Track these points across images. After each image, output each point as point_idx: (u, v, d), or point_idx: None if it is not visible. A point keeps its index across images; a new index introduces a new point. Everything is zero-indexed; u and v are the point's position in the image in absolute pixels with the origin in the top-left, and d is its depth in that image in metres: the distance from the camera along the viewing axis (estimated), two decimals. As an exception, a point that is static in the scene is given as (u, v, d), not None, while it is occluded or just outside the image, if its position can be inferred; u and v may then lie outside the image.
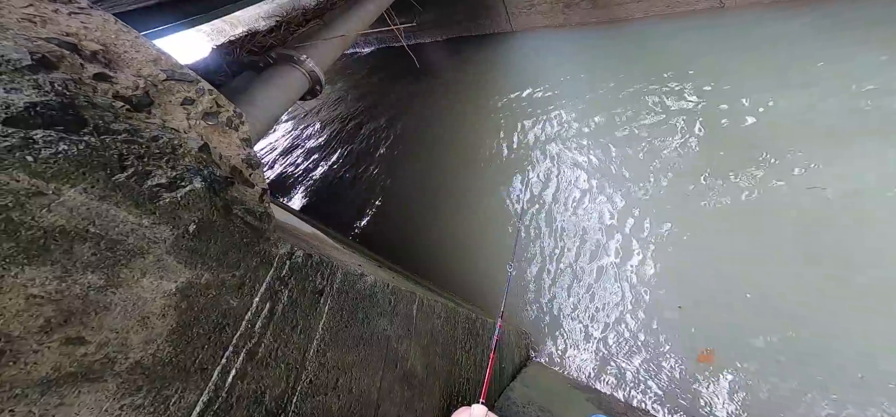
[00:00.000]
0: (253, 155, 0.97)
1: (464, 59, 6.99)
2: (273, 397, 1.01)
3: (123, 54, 0.59)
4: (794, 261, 2.52)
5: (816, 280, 2.38)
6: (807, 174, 2.88)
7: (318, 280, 1.18)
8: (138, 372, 0.67)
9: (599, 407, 2.20)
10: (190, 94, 0.73)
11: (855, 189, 2.65)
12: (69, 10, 0.53)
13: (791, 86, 3.59)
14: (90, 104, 0.53)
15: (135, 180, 0.59)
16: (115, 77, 0.57)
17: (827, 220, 2.59)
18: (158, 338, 0.69)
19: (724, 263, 2.69)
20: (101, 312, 0.58)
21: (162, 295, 0.68)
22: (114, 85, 0.57)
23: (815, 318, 2.25)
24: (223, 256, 0.81)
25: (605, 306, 2.89)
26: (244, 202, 0.92)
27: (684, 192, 3.23)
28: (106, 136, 0.54)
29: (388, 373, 1.54)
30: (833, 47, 3.68)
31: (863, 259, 2.35)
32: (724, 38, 4.49)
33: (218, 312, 0.81)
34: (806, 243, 2.55)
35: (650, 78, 4.38)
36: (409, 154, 5.31)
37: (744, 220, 2.81)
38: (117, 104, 0.58)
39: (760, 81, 3.75)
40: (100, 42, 0.54)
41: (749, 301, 2.47)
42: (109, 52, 0.56)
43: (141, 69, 0.62)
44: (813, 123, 3.17)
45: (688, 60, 4.43)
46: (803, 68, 3.64)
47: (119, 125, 0.56)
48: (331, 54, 3.23)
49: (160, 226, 0.64)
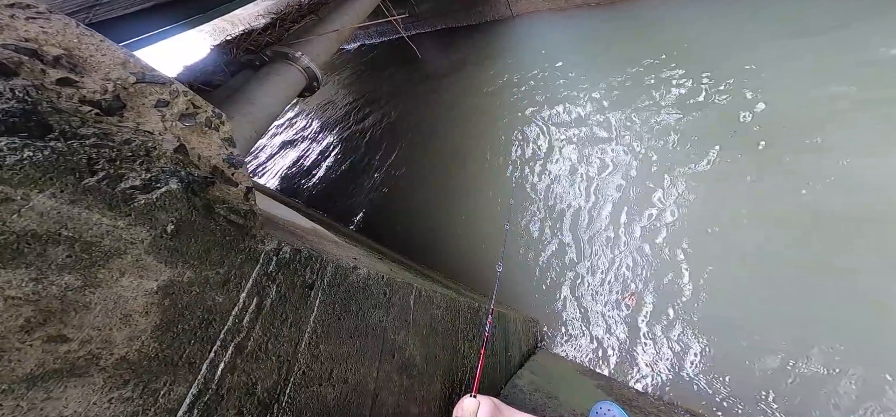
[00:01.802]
0: (235, 154, 0.98)
1: (464, 47, 6.90)
2: (265, 388, 1.04)
3: (89, 58, 0.60)
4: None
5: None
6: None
7: (307, 275, 1.20)
8: (124, 367, 0.70)
9: (609, 394, 2.20)
10: (163, 96, 0.74)
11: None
12: (26, 15, 0.54)
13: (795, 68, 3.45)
14: (55, 110, 0.54)
15: (106, 183, 0.60)
16: (81, 82, 0.59)
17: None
18: (143, 335, 0.72)
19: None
20: (80, 311, 0.60)
21: (143, 294, 0.70)
22: (79, 90, 0.58)
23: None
24: (205, 254, 0.83)
25: (605, 287, 2.88)
26: (227, 201, 0.93)
27: (695, 180, 3.16)
28: (73, 141, 0.56)
29: (386, 363, 1.56)
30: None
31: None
32: (728, 14, 4.32)
33: (203, 308, 0.84)
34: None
35: (654, 59, 4.26)
36: (415, 145, 5.31)
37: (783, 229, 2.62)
38: (84, 109, 0.59)
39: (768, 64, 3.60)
40: (61, 46, 0.55)
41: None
42: (73, 56, 0.58)
43: (109, 73, 0.63)
44: (813, 111, 3.06)
45: (690, 40, 4.29)
46: (813, 45, 3.49)
47: (87, 130, 0.58)
48: (326, 50, 3.23)
49: (136, 227, 0.66)
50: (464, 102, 5.48)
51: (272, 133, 7.78)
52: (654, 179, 3.22)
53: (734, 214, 2.75)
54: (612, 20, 5.40)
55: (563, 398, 2.17)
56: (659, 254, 2.82)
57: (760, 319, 2.31)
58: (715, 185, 2.95)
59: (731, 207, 2.80)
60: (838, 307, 2.19)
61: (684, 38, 4.25)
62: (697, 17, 4.47)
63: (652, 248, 2.87)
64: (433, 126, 5.40)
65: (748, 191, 2.82)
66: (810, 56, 3.33)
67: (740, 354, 2.25)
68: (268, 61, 2.77)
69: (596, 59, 4.82)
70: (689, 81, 3.71)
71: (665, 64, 4.02)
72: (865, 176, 2.50)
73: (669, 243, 2.83)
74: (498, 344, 2.35)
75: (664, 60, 4.07)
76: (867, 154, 2.57)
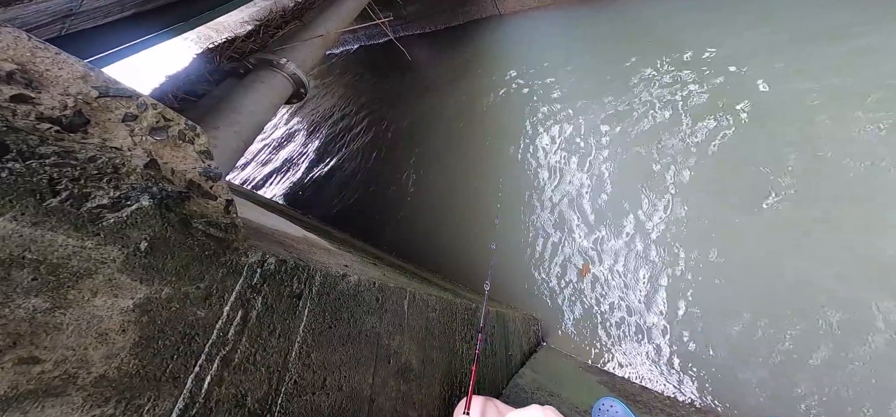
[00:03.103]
0: (213, 167, 0.97)
1: (453, 48, 6.90)
2: (256, 399, 1.02)
3: (45, 72, 0.58)
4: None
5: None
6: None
7: (295, 285, 1.18)
8: (104, 385, 0.68)
9: (612, 390, 2.21)
10: (130, 109, 0.73)
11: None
12: (-28, 32, 0.53)
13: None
14: (10, 129, 0.53)
15: (70, 203, 0.59)
16: (38, 98, 0.57)
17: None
18: (121, 352, 0.70)
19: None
20: (51, 332, 0.59)
21: (118, 312, 0.68)
22: (36, 106, 0.57)
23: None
24: (183, 270, 0.81)
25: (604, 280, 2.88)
26: (205, 215, 0.92)
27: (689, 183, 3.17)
28: (32, 160, 0.54)
29: (381, 369, 1.55)
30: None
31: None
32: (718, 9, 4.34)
33: (185, 323, 0.82)
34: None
35: (644, 55, 4.27)
36: (406, 148, 5.29)
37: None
38: (43, 126, 0.57)
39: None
40: (14, 61, 0.54)
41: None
42: (28, 71, 0.56)
43: (68, 88, 0.62)
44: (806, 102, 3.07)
45: (683, 35, 4.31)
46: (802, 40, 3.51)
47: (47, 149, 0.56)
48: (312, 55, 3.21)
49: (107, 247, 0.65)
50: (455, 103, 5.47)
51: (270, 144, 7.74)
52: (649, 174, 3.23)
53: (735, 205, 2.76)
54: (599, 15, 5.41)
55: (565, 395, 2.17)
56: (658, 240, 2.83)
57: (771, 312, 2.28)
58: (712, 176, 2.96)
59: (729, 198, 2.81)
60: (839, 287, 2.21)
61: (672, 31, 4.26)
62: (688, 7, 4.49)
63: (657, 246, 2.88)
64: (423, 128, 5.39)
65: (742, 172, 2.83)
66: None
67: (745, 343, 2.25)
68: (252, 69, 2.75)
69: (584, 55, 4.83)
70: (676, 74, 3.73)
71: (654, 59, 4.04)
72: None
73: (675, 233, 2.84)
74: (498, 344, 2.35)
75: (654, 55, 4.08)
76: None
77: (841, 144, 2.63)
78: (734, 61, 3.52)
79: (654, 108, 3.61)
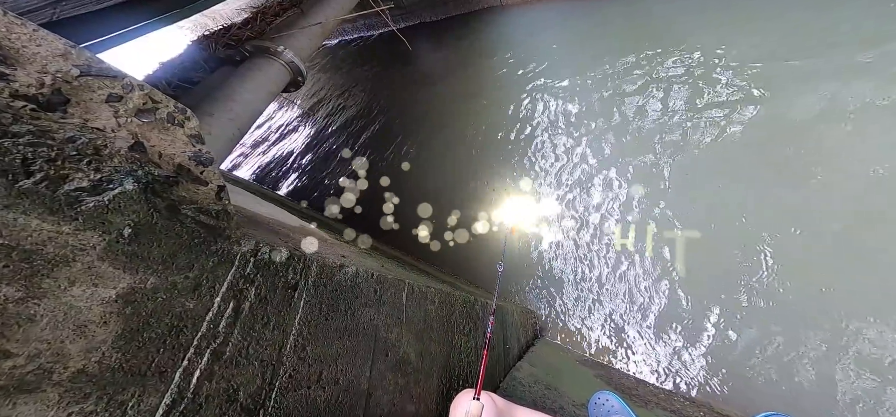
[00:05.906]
0: (204, 152, 0.92)
1: (454, 39, 6.80)
2: (248, 394, 0.99)
3: (22, 49, 0.54)
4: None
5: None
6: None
7: (290, 275, 1.15)
8: (83, 380, 0.65)
9: (608, 384, 2.20)
10: (115, 90, 0.68)
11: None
12: (-65, 2, 0.49)
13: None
14: (-22, 106, 0.49)
15: (46, 185, 0.55)
16: (13, 75, 0.53)
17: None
18: (102, 345, 0.67)
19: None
20: (24, 324, 0.55)
21: (99, 303, 0.65)
22: (10, 83, 0.53)
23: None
24: (170, 258, 0.78)
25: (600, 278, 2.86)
26: (195, 201, 0.88)
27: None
28: (3, 139, 0.50)
29: (379, 362, 1.52)
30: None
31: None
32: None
33: (172, 315, 0.79)
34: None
35: (645, 47, 4.21)
36: (408, 139, 5.24)
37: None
38: (17, 104, 0.53)
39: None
40: (-15, 37, 0.50)
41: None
42: (2, 47, 0.52)
43: (46, 65, 0.57)
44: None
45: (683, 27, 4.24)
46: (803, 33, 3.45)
47: (20, 127, 0.52)
48: (310, 44, 3.14)
49: (86, 232, 0.61)
50: (457, 95, 5.41)
51: (268, 134, 7.66)
52: (651, 165, 3.19)
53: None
54: (603, 7, 5.32)
55: (562, 389, 2.16)
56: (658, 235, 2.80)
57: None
58: (710, 169, 2.93)
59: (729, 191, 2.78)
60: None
61: (680, 23, 4.19)
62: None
63: (655, 247, 2.85)
64: (424, 121, 5.32)
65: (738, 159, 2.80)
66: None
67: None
68: (249, 56, 2.68)
69: (586, 48, 4.76)
70: (681, 66, 3.67)
71: (664, 52, 3.97)
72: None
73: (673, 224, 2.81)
74: (496, 337, 2.33)
75: (662, 49, 4.02)
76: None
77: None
78: (744, 60, 3.47)
79: (660, 104, 3.56)
